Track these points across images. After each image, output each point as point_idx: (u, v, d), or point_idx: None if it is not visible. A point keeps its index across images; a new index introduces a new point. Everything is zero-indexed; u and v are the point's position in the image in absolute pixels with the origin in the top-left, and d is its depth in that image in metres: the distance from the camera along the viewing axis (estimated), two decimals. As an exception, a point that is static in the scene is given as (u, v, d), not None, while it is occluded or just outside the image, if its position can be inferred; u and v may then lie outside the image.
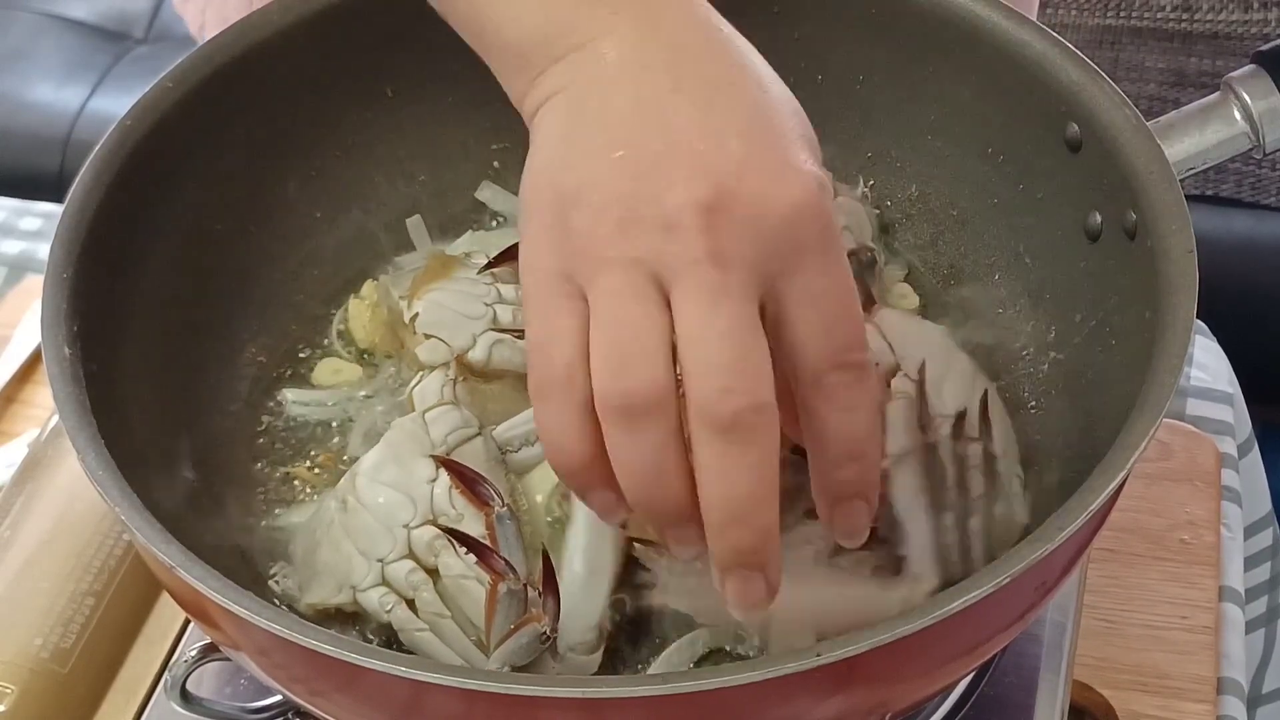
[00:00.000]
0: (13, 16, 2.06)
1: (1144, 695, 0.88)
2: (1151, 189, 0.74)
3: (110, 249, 0.76)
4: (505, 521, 0.70)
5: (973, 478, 0.74)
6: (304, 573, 0.74)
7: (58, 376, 0.69)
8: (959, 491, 0.73)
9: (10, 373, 1.06)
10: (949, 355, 0.77)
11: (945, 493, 0.73)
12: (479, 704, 0.60)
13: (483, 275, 0.83)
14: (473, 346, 0.80)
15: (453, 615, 0.71)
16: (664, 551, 0.71)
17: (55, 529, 0.90)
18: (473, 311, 0.81)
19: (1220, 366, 1.06)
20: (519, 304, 0.81)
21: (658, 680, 0.60)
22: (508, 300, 0.82)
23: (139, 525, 0.65)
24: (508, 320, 0.82)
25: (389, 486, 0.73)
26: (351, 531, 0.72)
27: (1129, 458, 0.65)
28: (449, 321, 0.81)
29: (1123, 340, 0.76)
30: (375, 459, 0.74)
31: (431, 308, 0.81)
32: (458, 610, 0.71)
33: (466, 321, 0.81)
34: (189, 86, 0.81)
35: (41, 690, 0.85)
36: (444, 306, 0.81)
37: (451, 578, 0.71)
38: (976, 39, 0.83)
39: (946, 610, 0.60)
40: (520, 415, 0.79)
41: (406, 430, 0.75)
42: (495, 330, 0.81)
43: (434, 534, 0.72)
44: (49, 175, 1.91)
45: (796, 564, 0.69)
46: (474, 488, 0.72)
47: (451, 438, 0.74)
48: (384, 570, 0.72)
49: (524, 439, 0.79)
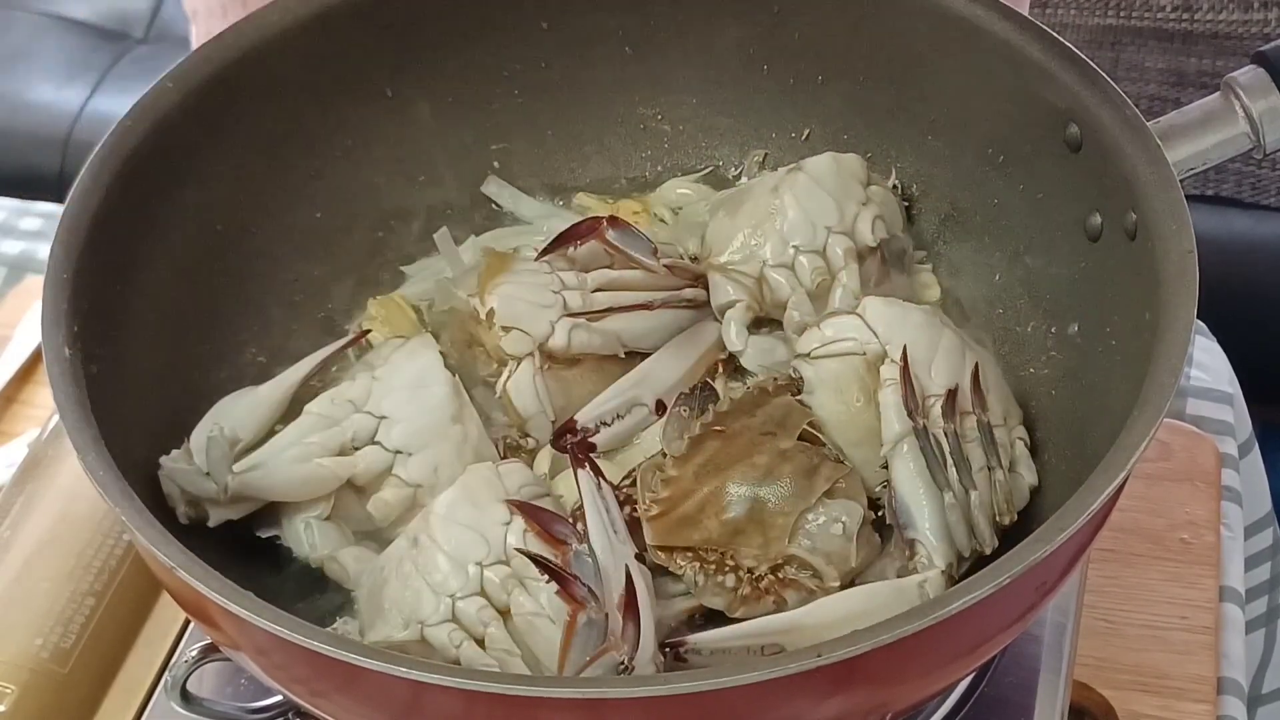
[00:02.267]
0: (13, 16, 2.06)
1: (1144, 695, 0.88)
2: (1151, 189, 0.74)
3: (110, 249, 0.76)
4: (583, 558, 0.71)
5: (971, 452, 0.74)
6: (369, 611, 0.74)
7: (58, 376, 0.69)
8: (960, 468, 0.74)
9: (10, 373, 1.06)
10: (935, 334, 0.78)
11: (945, 472, 0.73)
12: (479, 704, 0.60)
13: (541, 264, 0.84)
14: (551, 333, 0.82)
15: (522, 654, 0.71)
16: (687, 556, 0.72)
17: (55, 529, 0.90)
18: (544, 300, 0.82)
19: (1220, 366, 1.06)
20: (582, 288, 0.83)
21: (658, 681, 0.60)
22: (570, 285, 0.83)
23: (139, 525, 0.65)
24: (577, 305, 0.83)
25: (463, 525, 0.73)
26: (422, 567, 0.72)
27: (1129, 458, 0.65)
28: (525, 313, 0.82)
29: (1123, 340, 0.76)
30: (450, 499, 0.74)
31: (506, 301, 0.82)
32: (527, 650, 0.72)
33: (541, 310, 0.82)
34: (189, 87, 0.81)
35: (41, 690, 0.85)
36: (517, 299, 0.82)
37: (523, 615, 0.72)
38: (976, 39, 0.83)
39: (947, 610, 0.60)
40: (603, 395, 0.81)
41: (482, 476, 0.75)
42: (569, 316, 0.82)
43: (507, 573, 0.72)
44: (49, 175, 1.91)
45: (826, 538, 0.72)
46: (550, 528, 0.73)
47: (524, 490, 0.75)
48: (454, 606, 0.72)
49: (608, 417, 0.81)
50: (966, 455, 0.74)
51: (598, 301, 0.83)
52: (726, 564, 0.73)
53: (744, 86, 0.92)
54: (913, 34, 0.86)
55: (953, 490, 0.73)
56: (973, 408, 0.76)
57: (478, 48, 0.90)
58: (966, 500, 0.73)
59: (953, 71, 0.85)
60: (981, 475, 0.74)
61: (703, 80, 0.92)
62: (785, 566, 0.73)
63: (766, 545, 0.73)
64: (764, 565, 0.73)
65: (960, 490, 0.73)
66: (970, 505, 0.73)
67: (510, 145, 0.93)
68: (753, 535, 0.73)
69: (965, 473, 0.74)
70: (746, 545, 0.73)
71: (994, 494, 0.74)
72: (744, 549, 0.73)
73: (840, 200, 0.84)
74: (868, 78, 0.89)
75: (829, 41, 0.89)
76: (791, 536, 0.73)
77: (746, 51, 0.91)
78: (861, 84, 0.89)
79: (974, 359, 0.78)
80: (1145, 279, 0.73)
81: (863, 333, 0.78)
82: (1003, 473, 0.75)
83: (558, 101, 0.93)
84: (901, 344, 0.76)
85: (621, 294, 0.84)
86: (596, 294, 0.83)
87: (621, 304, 0.83)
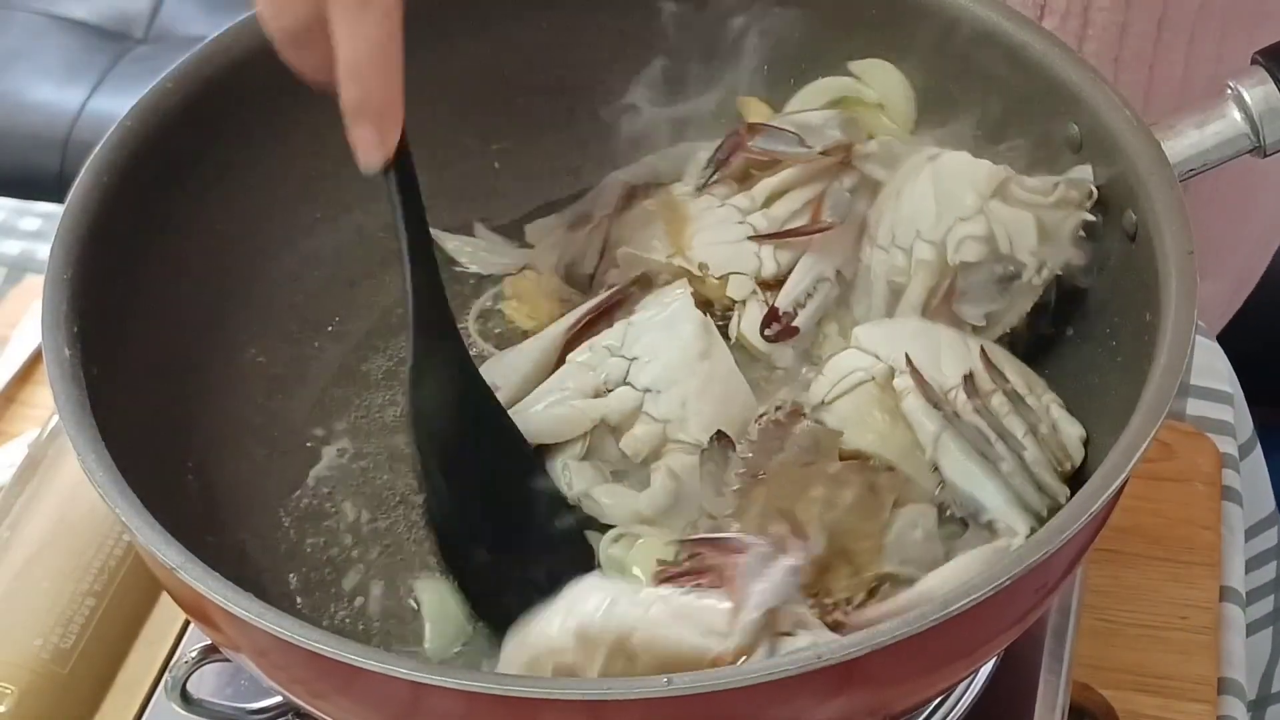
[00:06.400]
0: (13, 16, 2.06)
1: (1144, 695, 0.88)
2: (1151, 189, 0.74)
3: (110, 249, 0.76)
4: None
5: (1011, 423, 0.75)
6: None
7: (58, 377, 0.69)
8: (1005, 438, 0.74)
9: (10, 373, 1.06)
10: (933, 334, 0.78)
11: (992, 447, 0.74)
12: (479, 704, 0.60)
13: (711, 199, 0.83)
14: (760, 264, 0.82)
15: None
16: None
17: (55, 529, 0.90)
18: (737, 235, 0.82)
19: (1220, 366, 1.06)
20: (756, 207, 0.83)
21: (659, 681, 0.60)
22: (746, 209, 0.83)
23: (139, 526, 0.65)
24: (764, 226, 0.83)
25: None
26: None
27: (1129, 459, 0.65)
28: (731, 255, 0.82)
29: (1123, 341, 0.76)
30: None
31: (707, 249, 0.82)
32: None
33: (742, 247, 0.82)
34: (189, 86, 0.81)
35: (41, 690, 0.85)
36: (715, 243, 0.82)
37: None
38: (977, 40, 0.83)
39: (947, 611, 0.60)
40: (790, 280, 0.81)
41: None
42: (761, 239, 0.82)
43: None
44: (49, 175, 1.91)
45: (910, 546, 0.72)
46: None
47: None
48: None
49: (801, 297, 0.82)
50: (1007, 427, 0.74)
51: (778, 215, 0.83)
52: (825, 603, 0.71)
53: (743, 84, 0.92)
54: (913, 34, 0.86)
55: (1005, 460, 0.73)
56: (994, 384, 0.76)
57: (478, 48, 0.90)
58: (1022, 462, 0.73)
59: (953, 72, 0.85)
60: (1029, 438, 0.74)
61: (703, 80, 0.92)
62: (879, 587, 0.72)
63: (856, 572, 0.72)
64: (860, 593, 0.71)
65: (1013, 456, 0.73)
66: (1028, 464, 0.73)
67: (511, 145, 0.93)
68: (840, 568, 0.72)
69: (1011, 440, 0.74)
70: (836, 580, 0.72)
71: (1046, 450, 0.74)
72: (835, 584, 0.71)
73: (944, 207, 0.80)
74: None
75: (828, 42, 0.89)
76: (881, 559, 0.72)
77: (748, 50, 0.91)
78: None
79: (977, 344, 0.78)
80: (1145, 279, 0.73)
81: (863, 360, 0.78)
82: (1046, 427, 0.75)
83: (558, 101, 0.93)
84: (902, 354, 0.76)
85: (792, 195, 0.83)
86: (774, 208, 0.83)
87: (797, 206, 0.83)
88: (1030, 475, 0.73)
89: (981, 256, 0.79)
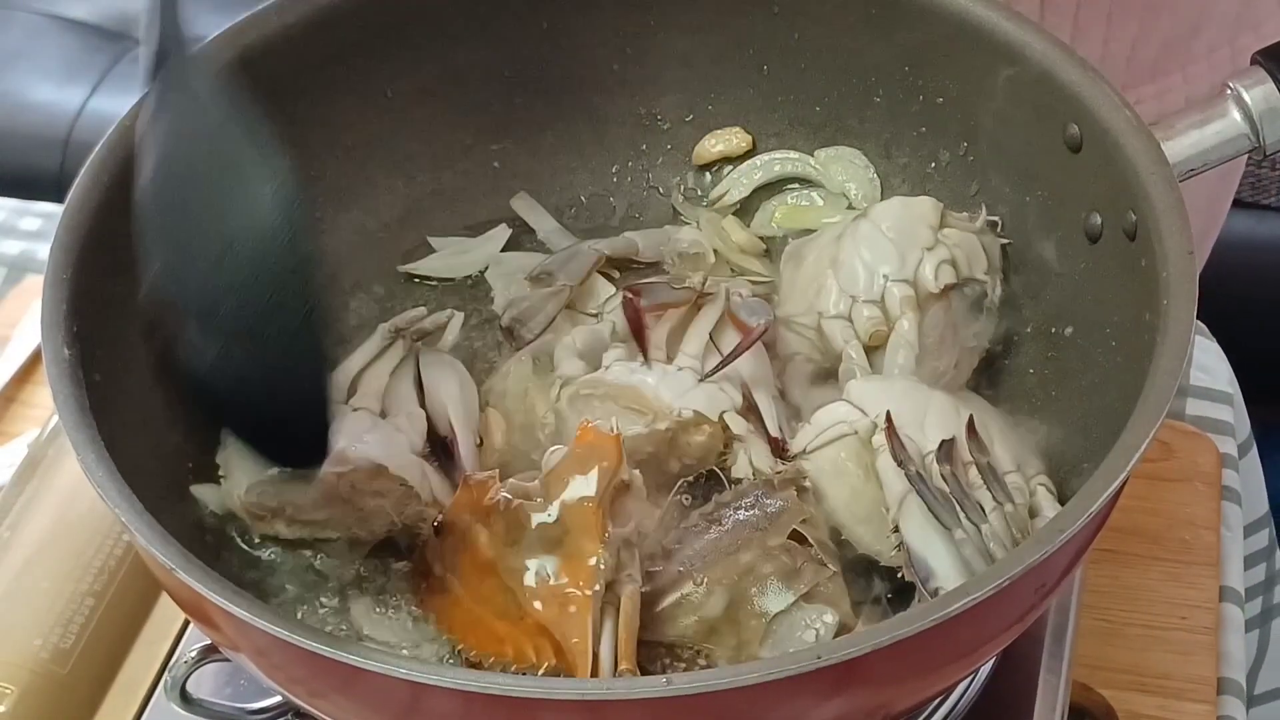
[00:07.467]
0: (12, 16, 2.06)
1: (1144, 695, 0.88)
2: (1151, 190, 0.74)
3: (110, 249, 0.75)
4: None
5: (981, 495, 0.74)
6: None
7: (58, 377, 0.69)
8: (967, 507, 0.73)
9: (10, 373, 1.06)
10: (923, 397, 0.78)
11: (953, 515, 0.73)
12: (478, 705, 0.60)
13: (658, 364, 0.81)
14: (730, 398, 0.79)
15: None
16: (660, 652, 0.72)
17: (55, 529, 0.90)
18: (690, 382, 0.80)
19: (1220, 366, 1.06)
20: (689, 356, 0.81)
21: (658, 681, 0.60)
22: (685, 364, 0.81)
23: (139, 526, 0.65)
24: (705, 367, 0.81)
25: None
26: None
27: (1129, 459, 0.65)
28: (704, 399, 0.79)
29: (1122, 341, 0.76)
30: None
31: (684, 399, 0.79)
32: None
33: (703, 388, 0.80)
34: (189, 87, 0.81)
35: (41, 690, 0.85)
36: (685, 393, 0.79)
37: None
38: (977, 40, 0.83)
39: (947, 611, 0.60)
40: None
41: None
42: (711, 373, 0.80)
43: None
44: (49, 175, 1.91)
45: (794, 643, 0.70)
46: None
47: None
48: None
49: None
50: (976, 500, 0.73)
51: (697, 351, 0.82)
52: (699, 664, 0.72)
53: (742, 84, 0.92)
54: (912, 35, 0.86)
55: (961, 529, 0.72)
56: (972, 455, 0.75)
57: (478, 48, 0.90)
58: (979, 533, 0.72)
59: (953, 72, 0.85)
60: (995, 514, 0.73)
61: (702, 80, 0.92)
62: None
63: (740, 647, 0.72)
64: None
65: (970, 526, 0.72)
66: (984, 536, 0.72)
67: (510, 145, 0.93)
68: (727, 636, 0.72)
69: (974, 511, 0.73)
70: (720, 645, 0.72)
71: (1008, 525, 0.73)
72: (717, 649, 0.72)
73: (903, 246, 0.83)
74: (867, 79, 0.89)
75: (829, 42, 0.89)
76: (763, 640, 0.71)
77: (747, 51, 0.91)
78: (860, 85, 0.89)
79: (967, 412, 0.77)
80: (1145, 279, 0.73)
81: (850, 414, 0.77)
82: (1013, 506, 0.74)
83: (558, 101, 0.93)
84: (886, 411, 0.76)
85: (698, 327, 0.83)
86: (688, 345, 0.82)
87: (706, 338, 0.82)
88: (983, 548, 0.72)
89: (956, 279, 0.83)
